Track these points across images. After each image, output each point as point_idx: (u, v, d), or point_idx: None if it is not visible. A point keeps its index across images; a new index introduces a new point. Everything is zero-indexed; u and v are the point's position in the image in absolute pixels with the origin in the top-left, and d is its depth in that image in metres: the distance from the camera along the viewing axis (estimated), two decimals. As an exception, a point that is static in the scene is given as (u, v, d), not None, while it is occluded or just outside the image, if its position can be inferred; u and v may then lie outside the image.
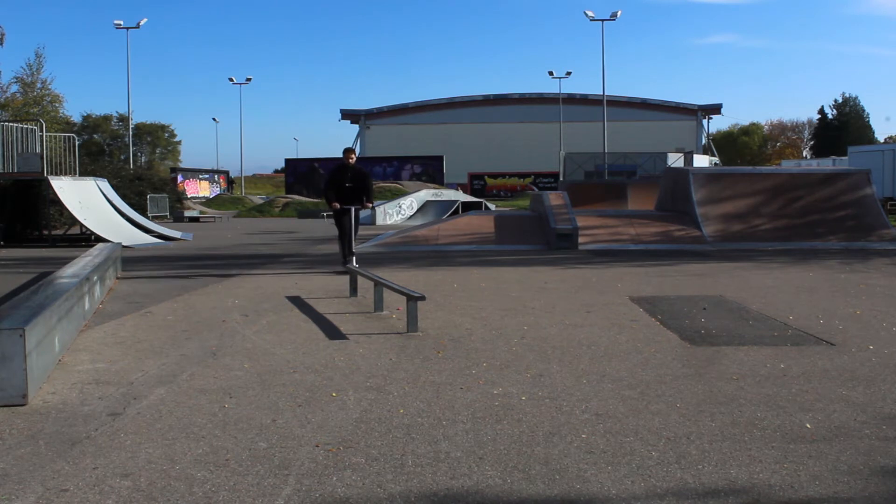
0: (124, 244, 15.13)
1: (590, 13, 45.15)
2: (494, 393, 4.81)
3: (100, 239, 16.49)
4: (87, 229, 17.88)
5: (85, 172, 22.06)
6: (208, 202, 48.45)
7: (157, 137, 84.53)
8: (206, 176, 63.99)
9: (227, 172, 69.58)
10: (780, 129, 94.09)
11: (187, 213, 31.88)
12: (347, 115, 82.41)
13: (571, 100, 72.29)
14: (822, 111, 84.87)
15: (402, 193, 35.32)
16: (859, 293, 9.14)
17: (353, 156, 11.89)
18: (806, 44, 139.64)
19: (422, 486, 3.35)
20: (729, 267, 12.14)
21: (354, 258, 11.25)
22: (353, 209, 11.54)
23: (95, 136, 77.44)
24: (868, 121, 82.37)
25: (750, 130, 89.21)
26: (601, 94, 48.97)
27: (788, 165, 43.61)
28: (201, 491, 3.28)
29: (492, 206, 35.82)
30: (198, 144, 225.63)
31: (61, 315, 5.76)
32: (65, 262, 9.75)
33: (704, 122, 78.82)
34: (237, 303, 8.55)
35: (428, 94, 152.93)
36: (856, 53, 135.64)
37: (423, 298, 6.82)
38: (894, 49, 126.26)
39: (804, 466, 3.54)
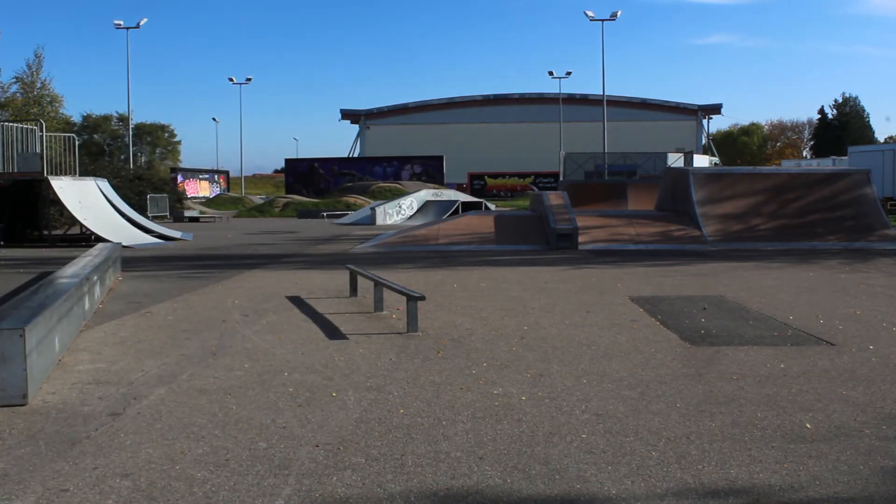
0: (124, 244, 15.13)
1: (590, 13, 45.13)
2: (494, 393, 4.81)
3: (100, 239, 16.48)
4: (87, 229, 17.87)
5: (85, 172, 22.06)
6: (208, 202, 48.41)
7: (156, 137, 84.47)
8: (206, 176, 63.97)
9: (227, 172, 69.56)
10: (780, 129, 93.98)
11: (187, 213, 31.86)
12: (347, 115, 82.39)
13: (571, 100, 72.26)
14: (822, 111, 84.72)
15: (402, 193, 35.32)
16: (859, 293, 9.14)
17: None
18: (806, 44, 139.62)
19: (422, 486, 3.35)
20: (729, 267, 12.14)
21: None
22: None
23: (95, 136, 77.40)
24: (868, 121, 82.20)
25: (750, 130, 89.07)
26: (601, 94, 48.92)
27: (788, 165, 43.59)
28: (201, 491, 3.28)
29: (492, 206, 35.78)
30: (198, 144, 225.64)
31: (61, 315, 5.76)
32: (65, 262, 9.75)
33: (704, 122, 78.80)
34: (237, 303, 8.55)
35: (428, 94, 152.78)
36: (856, 53, 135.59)
37: (423, 298, 6.83)
38: (894, 49, 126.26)
39: (804, 466, 3.54)
